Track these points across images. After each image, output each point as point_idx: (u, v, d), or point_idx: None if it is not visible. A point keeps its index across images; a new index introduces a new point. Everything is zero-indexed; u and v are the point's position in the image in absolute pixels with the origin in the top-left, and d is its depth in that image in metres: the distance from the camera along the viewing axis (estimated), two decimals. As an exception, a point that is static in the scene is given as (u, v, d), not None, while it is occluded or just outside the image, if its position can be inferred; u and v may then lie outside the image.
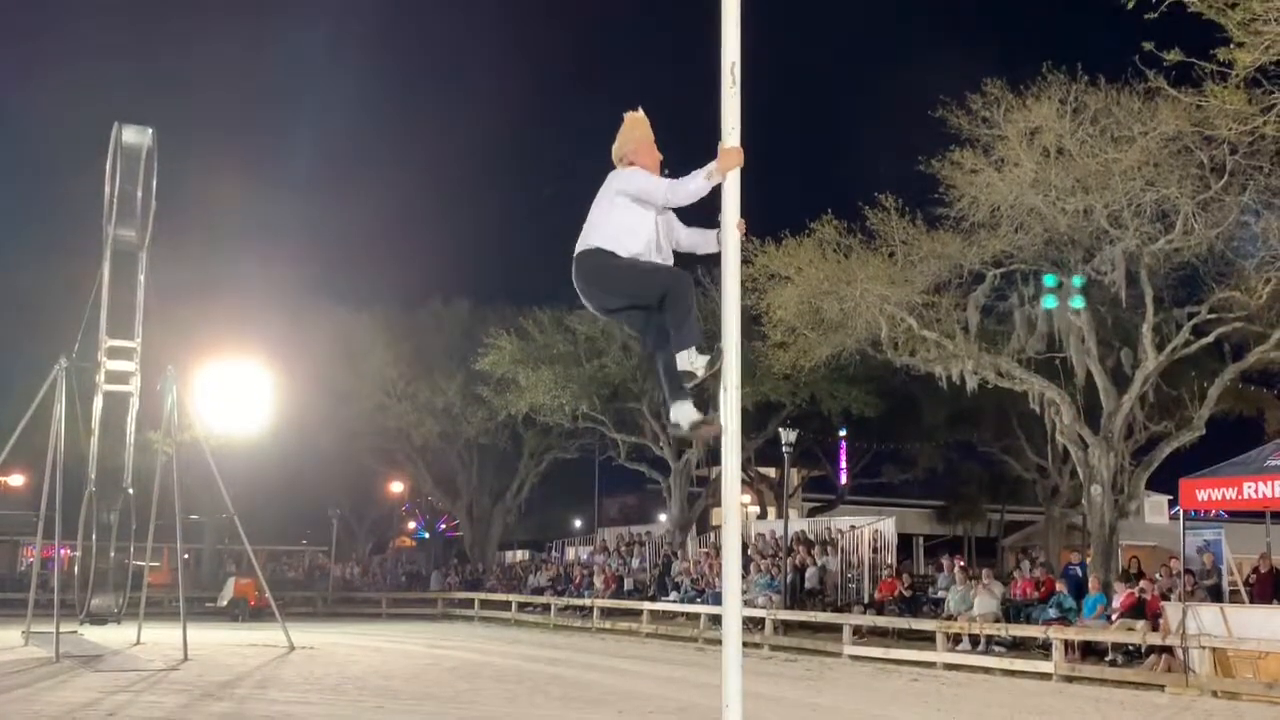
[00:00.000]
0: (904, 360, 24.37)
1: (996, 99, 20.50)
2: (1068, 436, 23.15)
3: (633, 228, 5.43)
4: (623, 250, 5.40)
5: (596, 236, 5.47)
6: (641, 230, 5.45)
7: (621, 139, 5.72)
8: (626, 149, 5.66)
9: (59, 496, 20.76)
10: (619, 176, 5.57)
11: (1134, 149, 19.23)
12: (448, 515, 54.44)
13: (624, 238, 5.42)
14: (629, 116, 5.76)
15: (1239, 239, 20.32)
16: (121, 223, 20.98)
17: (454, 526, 53.43)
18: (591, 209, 5.59)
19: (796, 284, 23.33)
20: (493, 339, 33.44)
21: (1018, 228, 21.65)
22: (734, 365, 4.88)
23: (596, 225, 5.52)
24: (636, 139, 5.68)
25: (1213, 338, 21.91)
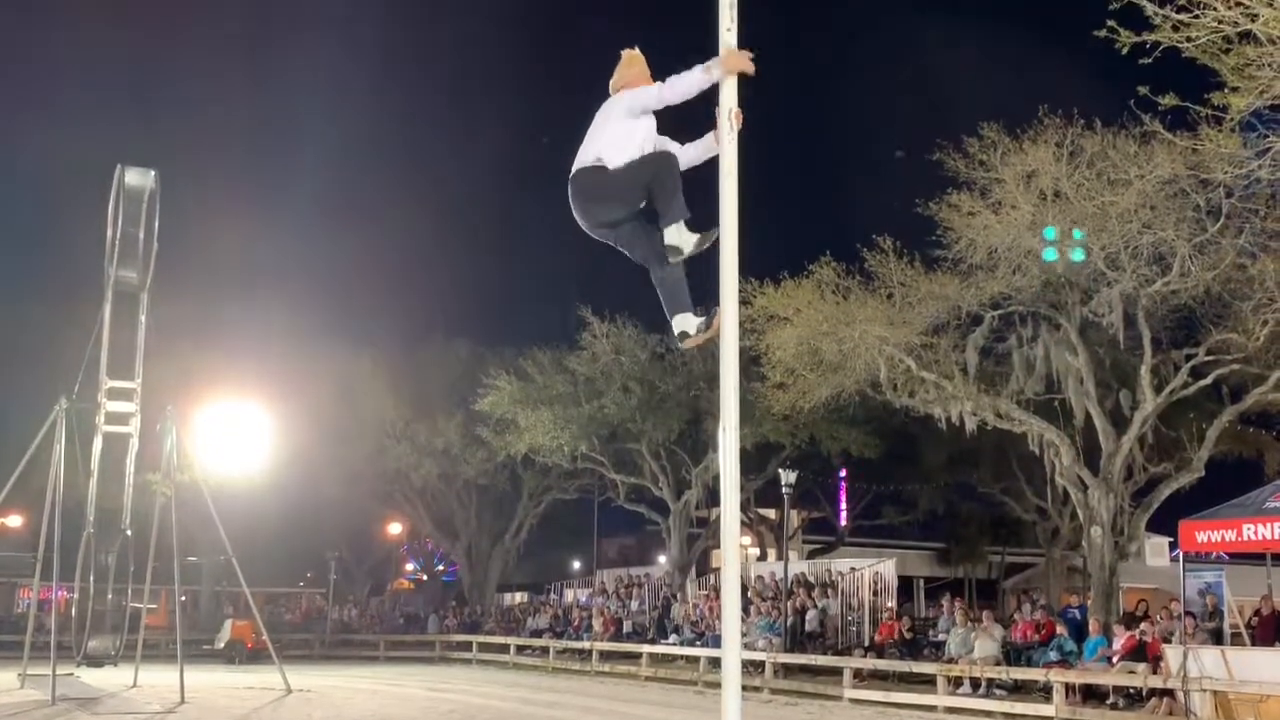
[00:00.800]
0: (903, 401, 24.39)
1: (993, 142, 20.67)
2: (1067, 478, 23.13)
3: (623, 140, 5.55)
4: (611, 163, 5.53)
5: (589, 154, 5.63)
6: (631, 141, 5.56)
7: (619, 73, 5.88)
8: (624, 81, 5.80)
9: (57, 538, 20.69)
10: (614, 102, 5.71)
11: (1130, 192, 19.35)
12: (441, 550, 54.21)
13: (614, 150, 5.55)
14: (626, 54, 5.91)
15: (1235, 281, 20.39)
16: (123, 264, 21.03)
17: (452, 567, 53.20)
18: (588, 134, 5.73)
19: (795, 325, 23.37)
20: (492, 380, 33.44)
21: (1015, 270, 21.73)
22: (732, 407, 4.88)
23: (590, 144, 5.67)
24: (635, 74, 5.82)
25: (1211, 379, 21.95)
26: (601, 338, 32.30)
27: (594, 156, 5.58)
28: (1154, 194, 19.36)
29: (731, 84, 5.14)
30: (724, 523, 4.82)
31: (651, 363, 32.38)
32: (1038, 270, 21.58)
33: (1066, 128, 20.15)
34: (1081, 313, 22.52)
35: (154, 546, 22.85)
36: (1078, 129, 20.13)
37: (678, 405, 32.22)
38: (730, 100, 5.16)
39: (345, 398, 36.87)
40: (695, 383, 31.70)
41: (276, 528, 41.27)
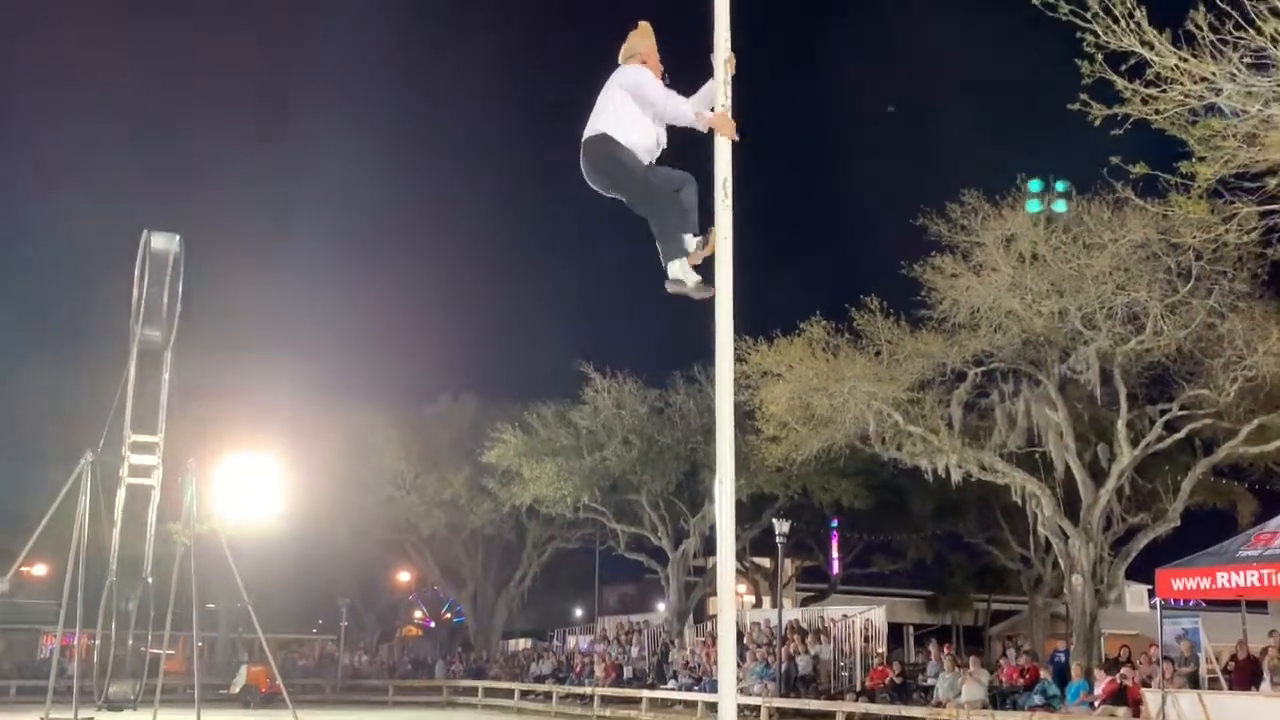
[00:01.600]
0: (891, 454, 24.39)
1: (974, 208, 20.88)
2: (1049, 528, 23.08)
3: (634, 120, 5.71)
4: (623, 139, 5.67)
5: (602, 123, 5.75)
6: (641, 122, 5.73)
7: (631, 43, 6.02)
8: (636, 50, 5.93)
9: (80, 586, 20.60)
10: (627, 71, 5.87)
11: (1105, 255, 19.50)
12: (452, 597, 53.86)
13: (625, 127, 5.69)
14: (640, 24, 6.06)
15: (1206, 340, 20.49)
16: (148, 324, 21.09)
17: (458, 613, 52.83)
18: (599, 98, 5.86)
19: (788, 381, 23.44)
20: (498, 433, 33.43)
21: (996, 329, 21.84)
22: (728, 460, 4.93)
23: (602, 113, 5.80)
24: (647, 47, 5.96)
25: (1184, 433, 21.97)
26: (603, 392, 32.35)
27: (606, 126, 5.72)
28: (1127, 257, 19.52)
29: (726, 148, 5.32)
30: (720, 571, 4.85)
31: (651, 416, 32.39)
32: (1018, 329, 21.70)
33: (1044, 194, 20.37)
34: (1060, 370, 22.62)
35: (173, 594, 22.72)
36: (1054, 195, 20.36)
37: (676, 457, 32.20)
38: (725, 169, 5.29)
39: (357, 451, 36.84)
40: (693, 436, 31.70)
41: (290, 576, 41.05)
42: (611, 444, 32.10)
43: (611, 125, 5.71)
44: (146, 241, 21.19)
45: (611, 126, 5.71)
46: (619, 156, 5.68)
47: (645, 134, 5.76)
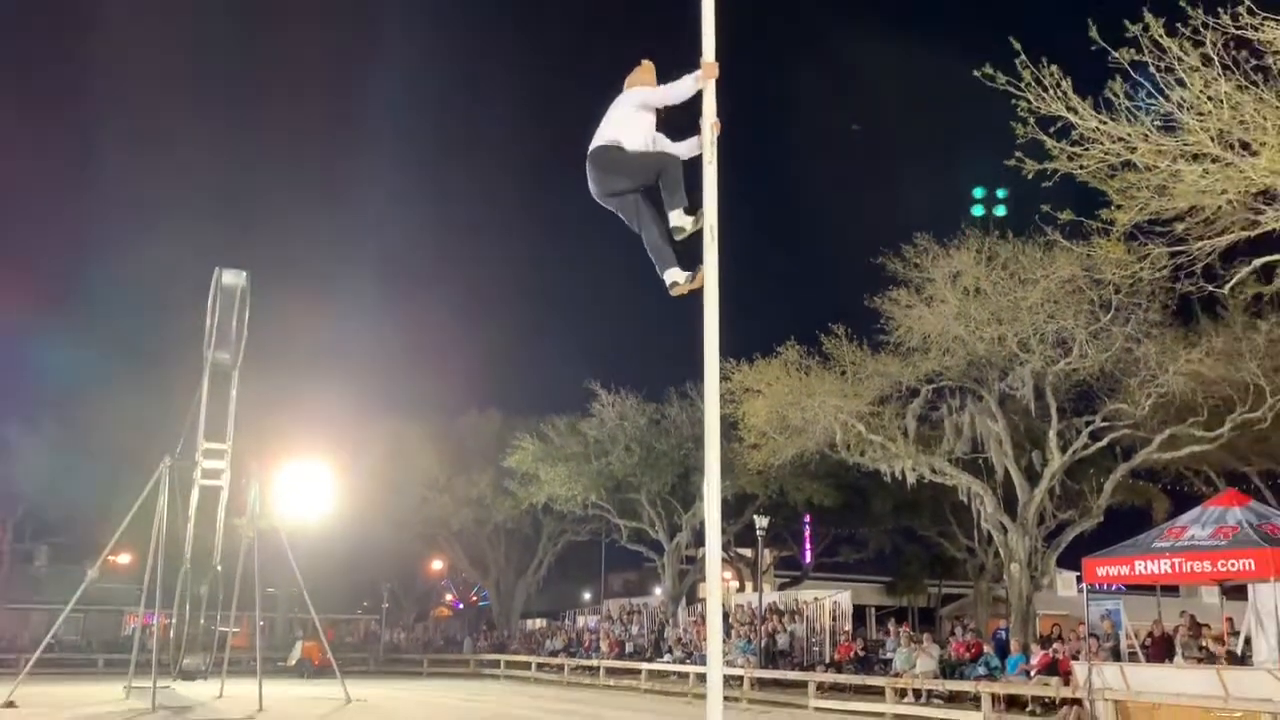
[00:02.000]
0: (855, 459, 24.37)
1: (925, 249, 20.95)
2: (991, 523, 23.04)
3: (635, 129, 5.94)
4: (628, 144, 5.90)
5: (607, 135, 5.97)
6: (641, 131, 5.96)
7: (634, 75, 6.31)
8: (635, 82, 6.16)
9: (160, 572, 20.57)
10: (627, 94, 6.09)
11: (1037, 289, 19.54)
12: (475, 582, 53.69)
13: (628, 135, 5.92)
14: (644, 63, 6.33)
15: (1124, 362, 20.51)
16: (219, 348, 21.16)
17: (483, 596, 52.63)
18: (604, 118, 6.08)
19: (766, 397, 23.45)
20: (518, 441, 33.40)
21: (945, 352, 21.86)
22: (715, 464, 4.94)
23: (607, 127, 6.01)
24: (644, 78, 6.21)
25: (1106, 442, 21.96)
26: (608, 406, 32.34)
27: (612, 138, 5.92)
28: (1056, 291, 19.55)
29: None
30: (708, 560, 4.86)
31: (649, 427, 32.37)
32: (963, 352, 21.73)
33: (984, 237, 20.45)
34: (1000, 387, 22.63)
35: (239, 580, 22.69)
36: (994, 238, 20.43)
37: (671, 462, 32.15)
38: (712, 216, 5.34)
39: (396, 458, 36.78)
40: (685, 443, 31.66)
41: (339, 564, 40.89)
42: (615, 451, 32.07)
43: (617, 135, 5.93)
44: (218, 277, 21.28)
45: (618, 136, 5.92)
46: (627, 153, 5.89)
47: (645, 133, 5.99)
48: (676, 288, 5.72)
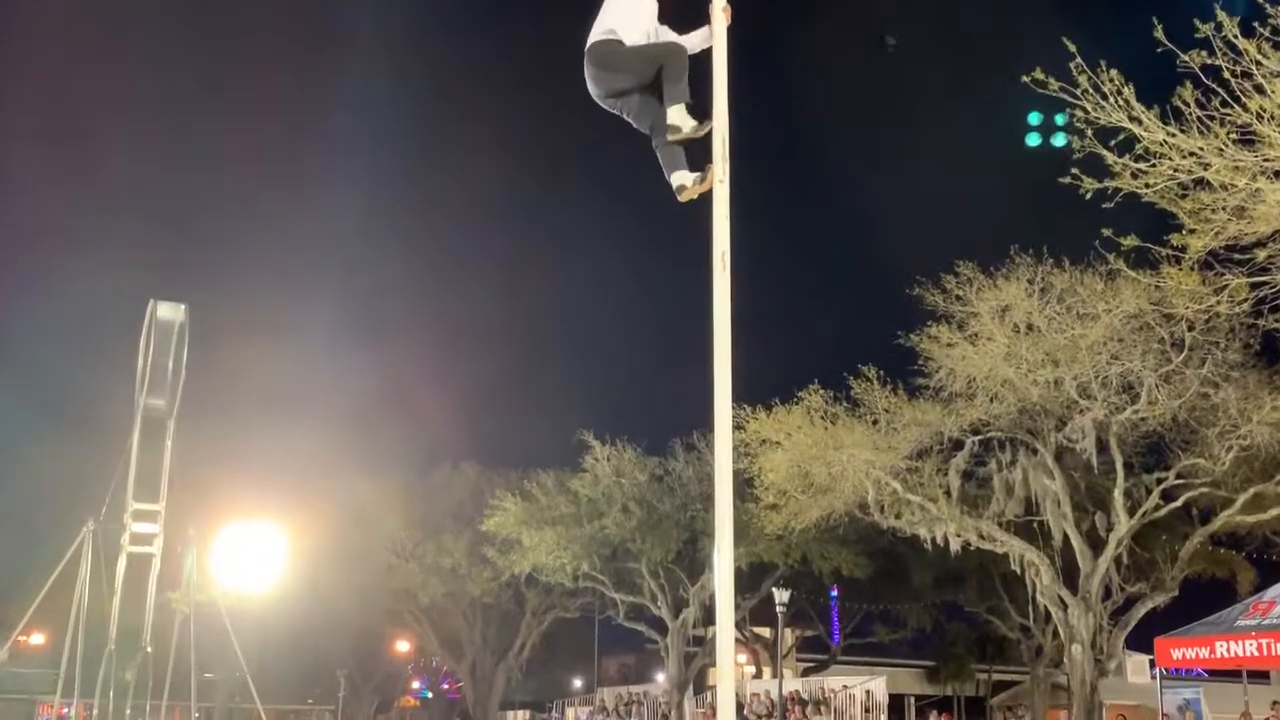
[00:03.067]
0: (890, 523, 24.32)
1: (969, 279, 21.04)
2: (1048, 597, 22.95)
3: (635, 19, 6.07)
4: (627, 38, 6.02)
5: (603, 28, 6.08)
6: (641, 21, 6.09)
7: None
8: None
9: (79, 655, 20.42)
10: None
11: (1099, 326, 19.61)
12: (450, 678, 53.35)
13: (626, 26, 6.04)
14: None
15: (1200, 409, 20.54)
16: (152, 393, 21.11)
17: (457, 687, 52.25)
18: (600, 11, 6.19)
19: (786, 449, 23.43)
20: (498, 501, 33.32)
21: (993, 398, 21.89)
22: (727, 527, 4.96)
23: (604, 18, 6.12)
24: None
25: (1181, 502, 21.94)
26: (603, 460, 32.30)
27: (608, 30, 6.05)
28: (1121, 327, 19.63)
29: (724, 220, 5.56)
30: (719, 641, 4.86)
31: (650, 484, 32.32)
32: (1014, 399, 21.75)
33: (1037, 266, 20.56)
34: (1056, 438, 22.63)
35: (172, 663, 22.52)
36: (1047, 267, 20.53)
37: (675, 525, 32.07)
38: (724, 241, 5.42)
39: (357, 519, 36.68)
40: (692, 503, 31.61)
41: (289, 645, 40.62)
42: (611, 512, 32.00)
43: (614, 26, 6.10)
44: (153, 311, 21.29)
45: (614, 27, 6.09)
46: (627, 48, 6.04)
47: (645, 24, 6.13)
48: (684, 191, 5.82)
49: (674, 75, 5.92)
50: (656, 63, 6.00)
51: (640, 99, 6.14)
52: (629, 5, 6.16)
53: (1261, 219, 13.49)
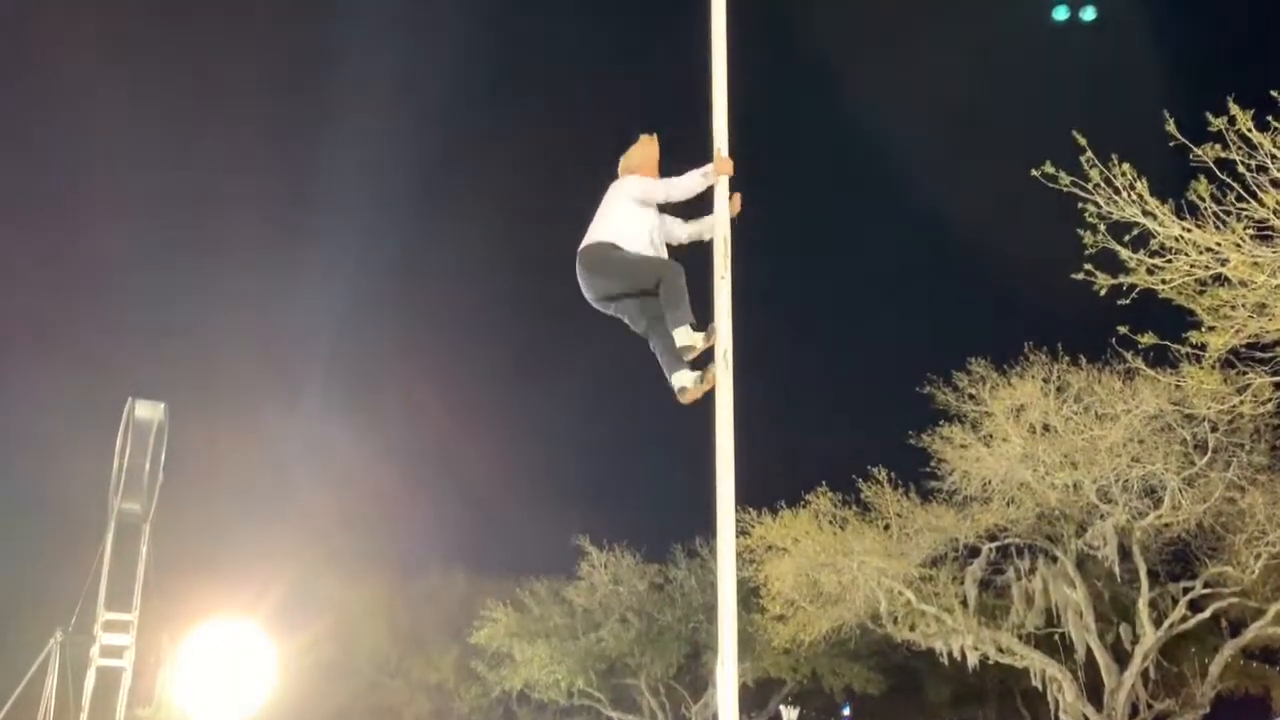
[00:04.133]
0: (904, 635, 24.12)
1: (982, 377, 21.17)
2: (1072, 715, 22.63)
3: (633, 226, 6.17)
4: (625, 244, 6.11)
5: (600, 232, 6.20)
6: (640, 229, 6.17)
7: (631, 153, 6.42)
8: (634, 162, 6.31)
9: (41, 777, 20.07)
10: (623, 184, 6.33)
11: (1118, 426, 19.67)
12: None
13: (625, 234, 6.14)
14: (643, 137, 6.43)
15: (1227, 514, 20.52)
16: (127, 496, 21.09)
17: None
18: (598, 211, 6.20)
19: (794, 556, 23.32)
20: (488, 611, 33.05)
21: (1009, 502, 21.86)
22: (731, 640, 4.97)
23: (601, 223, 6.24)
24: (645, 156, 6.38)
25: (1209, 613, 21.79)
26: (600, 567, 32.11)
27: (606, 235, 6.09)
28: (1141, 428, 19.69)
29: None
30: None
31: (650, 593, 32.09)
32: (1032, 503, 21.73)
33: (1052, 363, 20.71)
34: (1077, 545, 22.56)
35: (140, 786, 22.14)
36: (1063, 365, 20.67)
37: (676, 638, 31.76)
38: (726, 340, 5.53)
39: (340, 631, 36.28)
40: (694, 614, 31.34)
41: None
42: (608, 623, 31.71)
43: (613, 233, 6.12)
44: (131, 410, 21.36)
45: (614, 234, 6.12)
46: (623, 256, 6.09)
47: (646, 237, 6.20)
48: (686, 393, 5.89)
49: (674, 299, 5.99)
50: (654, 278, 6.10)
51: (637, 304, 6.23)
52: (627, 213, 6.26)
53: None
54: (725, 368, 5.49)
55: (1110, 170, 12.89)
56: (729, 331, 5.56)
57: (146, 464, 21.28)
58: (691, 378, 5.92)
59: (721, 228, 5.78)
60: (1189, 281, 13.56)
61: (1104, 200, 12.91)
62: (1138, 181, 12.90)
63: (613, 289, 6.21)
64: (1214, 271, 13.38)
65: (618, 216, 6.24)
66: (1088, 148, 12.74)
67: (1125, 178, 12.88)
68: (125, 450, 21.26)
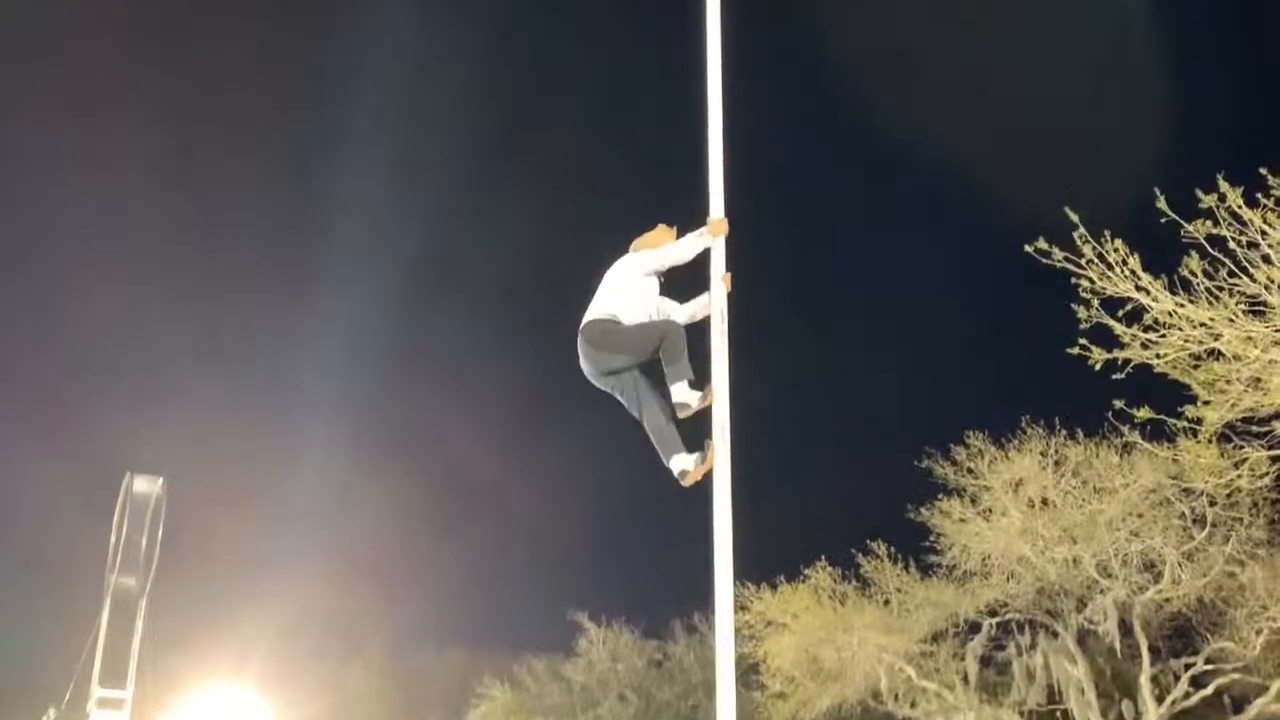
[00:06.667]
0: (905, 712, 23.86)
1: (980, 451, 21.21)
2: (1076, 793, 22.36)
3: (634, 301, 6.32)
4: (625, 318, 6.26)
5: (601, 308, 6.32)
6: (641, 303, 6.34)
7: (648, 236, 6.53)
8: (645, 244, 6.41)
9: None
10: (631, 261, 6.47)
11: (1116, 500, 19.68)
12: None
13: (626, 308, 6.28)
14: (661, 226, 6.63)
15: (1227, 589, 20.43)
16: (124, 571, 21.02)
17: None
18: (600, 287, 6.35)
19: (793, 631, 23.20)
20: (486, 689, 32.73)
21: (1009, 576, 21.79)
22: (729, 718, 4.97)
23: (603, 299, 6.37)
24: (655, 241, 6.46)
25: (1212, 689, 21.56)
26: (597, 644, 31.87)
27: (608, 311, 6.22)
28: (1139, 502, 19.70)
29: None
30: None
31: (648, 670, 31.81)
32: (1032, 578, 21.65)
33: (1049, 437, 20.77)
34: (1078, 620, 22.42)
35: None
36: (1060, 439, 20.74)
37: (675, 716, 31.39)
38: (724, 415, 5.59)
39: (336, 708, 35.80)
40: (693, 692, 31.01)
41: None
42: (606, 700, 31.37)
43: (614, 308, 6.24)
44: (129, 484, 21.33)
45: (615, 309, 6.24)
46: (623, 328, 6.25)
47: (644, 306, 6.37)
48: (686, 476, 5.94)
49: (674, 354, 6.15)
50: (656, 340, 6.26)
51: (634, 378, 6.36)
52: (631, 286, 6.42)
53: (1277, 390, 13.70)
54: (723, 441, 5.55)
55: (1103, 246, 13.04)
56: (726, 407, 5.63)
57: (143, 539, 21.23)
58: (691, 460, 5.97)
59: (718, 300, 5.88)
60: (1183, 356, 13.64)
61: (1097, 275, 13.05)
62: (1130, 257, 13.05)
63: (615, 363, 6.31)
64: (1208, 346, 13.47)
65: (619, 292, 6.38)
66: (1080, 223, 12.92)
67: (1118, 253, 13.03)
68: (123, 525, 21.22)
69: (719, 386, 5.67)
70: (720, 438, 5.55)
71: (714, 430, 5.62)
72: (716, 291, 5.91)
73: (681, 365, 6.11)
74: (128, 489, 21.44)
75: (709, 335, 5.86)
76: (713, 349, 5.81)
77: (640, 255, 6.48)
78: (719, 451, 5.53)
